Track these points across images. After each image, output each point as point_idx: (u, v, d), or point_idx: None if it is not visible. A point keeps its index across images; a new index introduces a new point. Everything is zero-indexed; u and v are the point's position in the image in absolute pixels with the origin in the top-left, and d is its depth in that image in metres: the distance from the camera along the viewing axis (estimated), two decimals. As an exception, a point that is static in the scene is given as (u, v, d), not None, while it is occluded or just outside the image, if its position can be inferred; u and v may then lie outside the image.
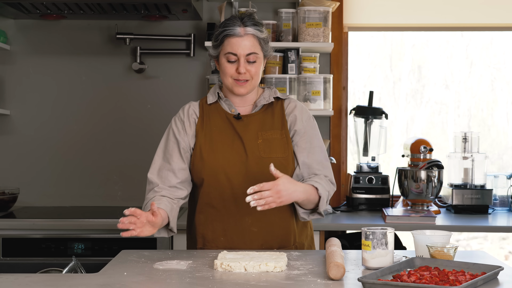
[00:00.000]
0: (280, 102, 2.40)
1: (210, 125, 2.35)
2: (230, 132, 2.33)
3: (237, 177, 2.29)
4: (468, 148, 3.64)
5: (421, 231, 2.09)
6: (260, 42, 2.30)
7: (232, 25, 2.27)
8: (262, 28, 2.32)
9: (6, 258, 3.14)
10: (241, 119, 2.34)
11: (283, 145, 2.32)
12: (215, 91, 2.39)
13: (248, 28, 2.27)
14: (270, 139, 2.32)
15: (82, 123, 3.79)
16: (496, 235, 4.68)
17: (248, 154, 2.29)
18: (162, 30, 3.77)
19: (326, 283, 1.83)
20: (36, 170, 3.79)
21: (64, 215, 3.42)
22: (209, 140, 2.33)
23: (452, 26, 3.86)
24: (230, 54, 2.27)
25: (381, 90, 4.13)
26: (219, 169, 2.29)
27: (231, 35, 2.26)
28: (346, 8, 3.81)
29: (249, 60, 2.27)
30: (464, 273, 1.84)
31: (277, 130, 2.34)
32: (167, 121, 2.83)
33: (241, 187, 2.27)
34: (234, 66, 2.28)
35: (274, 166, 2.17)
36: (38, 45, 3.79)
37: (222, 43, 2.28)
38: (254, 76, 2.30)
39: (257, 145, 2.30)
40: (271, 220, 2.31)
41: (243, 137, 2.31)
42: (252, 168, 2.29)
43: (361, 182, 3.62)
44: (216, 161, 2.30)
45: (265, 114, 2.37)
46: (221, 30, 2.28)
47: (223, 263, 1.97)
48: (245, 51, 2.26)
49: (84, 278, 1.93)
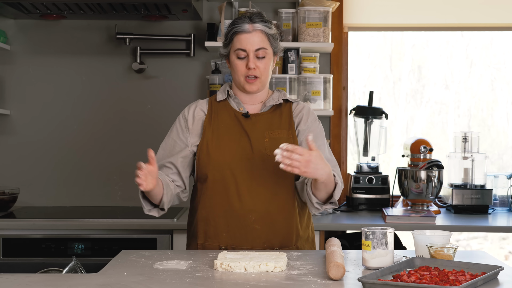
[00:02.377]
0: (288, 104, 2.42)
1: (218, 122, 2.37)
2: (237, 129, 2.35)
3: (242, 173, 2.30)
4: (468, 148, 3.64)
5: (421, 231, 2.09)
6: (269, 38, 2.34)
7: (240, 22, 2.32)
8: (271, 25, 2.36)
9: (6, 258, 3.14)
10: (249, 118, 2.36)
11: None
12: (225, 89, 2.42)
13: (257, 24, 2.31)
14: (277, 138, 2.33)
15: (82, 123, 3.79)
16: (496, 235, 4.68)
17: (254, 152, 2.31)
18: (162, 30, 3.77)
19: (326, 283, 1.83)
20: (36, 170, 3.79)
21: (64, 215, 3.42)
22: (216, 136, 2.34)
23: (452, 26, 3.86)
24: (239, 50, 2.31)
25: (381, 90, 4.13)
26: (225, 165, 2.31)
27: (240, 31, 2.30)
28: (346, 8, 3.81)
29: (258, 55, 2.31)
30: (464, 273, 1.84)
31: (284, 130, 2.36)
32: (167, 121, 2.83)
33: (245, 184, 2.29)
34: (244, 62, 2.31)
35: (280, 165, 2.19)
36: (38, 45, 3.79)
37: (232, 41, 2.33)
38: (264, 72, 2.33)
39: (264, 143, 2.32)
40: (275, 218, 2.31)
41: (250, 135, 2.33)
42: (257, 165, 2.30)
43: (361, 182, 3.62)
44: (222, 156, 2.31)
45: (273, 114, 2.38)
46: (230, 28, 2.34)
47: (223, 263, 1.97)
48: (254, 46, 2.30)
49: (84, 278, 1.93)
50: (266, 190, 2.31)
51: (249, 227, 2.31)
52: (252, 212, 2.29)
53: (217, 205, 2.33)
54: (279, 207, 2.32)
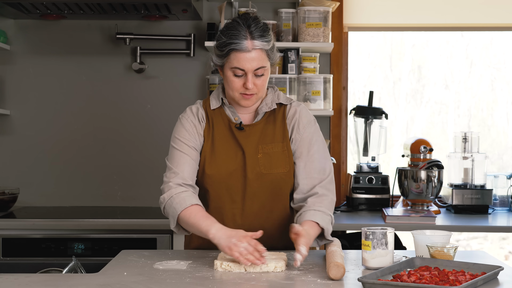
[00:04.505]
0: (282, 108, 2.32)
1: (214, 133, 2.29)
2: (232, 142, 2.28)
3: (238, 193, 2.25)
4: (468, 148, 3.64)
5: (421, 231, 2.09)
6: (268, 54, 2.21)
7: (238, 37, 2.15)
8: (269, 37, 2.21)
9: (6, 258, 3.14)
10: (243, 130, 2.27)
11: (284, 159, 2.26)
12: (218, 96, 2.32)
13: (256, 41, 2.16)
14: (270, 153, 2.26)
15: (82, 123, 3.79)
16: (496, 235, 4.68)
17: (248, 169, 2.24)
18: (162, 30, 3.77)
19: (326, 283, 1.83)
20: (36, 170, 3.79)
21: (64, 215, 3.42)
22: (212, 150, 2.27)
23: (452, 26, 3.86)
24: (237, 69, 2.18)
25: (381, 90, 4.13)
26: (221, 183, 2.25)
27: (237, 49, 2.15)
28: (346, 8, 3.81)
29: (257, 74, 2.19)
30: (464, 273, 1.84)
31: (278, 142, 2.27)
32: (167, 121, 2.82)
33: (240, 202, 2.26)
34: (241, 80, 2.19)
35: (275, 181, 2.21)
36: (38, 45, 3.79)
37: (228, 56, 2.18)
38: (261, 89, 2.22)
39: (257, 160, 2.25)
40: (270, 235, 2.23)
41: (245, 150, 2.26)
42: (252, 184, 2.24)
43: (361, 182, 3.62)
44: (218, 174, 2.25)
45: (267, 123, 2.29)
46: (227, 42, 2.17)
47: (223, 263, 1.97)
48: (254, 66, 2.17)
49: (84, 278, 1.93)
50: (261, 209, 2.26)
51: None
52: (248, 230, 2.18)
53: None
54: (276, 224, 2.28)
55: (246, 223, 2.24)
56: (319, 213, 2.17)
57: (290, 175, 2.27)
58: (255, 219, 2.26)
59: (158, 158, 3.57)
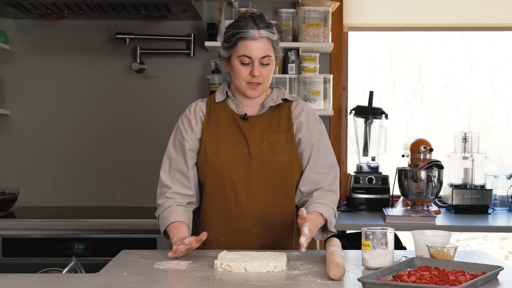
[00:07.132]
0: (287, 104, 2.39)
1: (216, 124, 2.34)
2: (235, 132, 2.33)
3: (240, 179, 2.29)
4: (468, 148, 3.64)
5: (421, 231, 2.09)
6: (273, 44, 2.31)
7: (245, 27, 2.26)
8: (274, 29, 2.32)
9: (6, 258, 3.14)
10: (247, 120, 2.34)
11: (288, 148, 2.31)
12: (223, 90, 2.39)
13: (262, 30, 2.27)
14: (275, 142, 2.31)
15: (82, 123, 3.79)
16: (496, 235, 4.68)
17: (252, 157, 2.29)
18: (162, 30, 3.77)
19: (326, 283, 1.83)
20: (36, 170, 3.79)
21: (64, 215, 3.42)
22: (214, 140, 2.32)
23: (452, 26, 3.86)
24: (244, 57, 2.26)
25: (381, 90, 4.13)
26: (223, 170, 2.29)
27: (245, 37, 2.25)
28: (346, 8, 3.81)
29: (263, 62, 2.28)
30: (464, 273, 1.84)
31: (282, 133, 2.33)
32: (167, 121, 2.83)
33: (243, 189, 2.28)
34: (248, 69, 2.27)
35: (278, 169, 2.25)
36: (38, 45, 3.79)
37: (236, 45, 2.27)
38: (266, 79, 2.30)
39: (262, 148, 2.30)
40: (273, 223, 2.31)
41: (248, 139, 2.31)
42: (255, 170, 2.28)
43: (361, 182, 3.62)
44: (220, 162, 2.30)
45: (272, 115, 2.36)
46: (234, 32, 2.27)
47: (223, 263, 1.97)
48: (260, 54, 2.26)
49: (84, 278, 1.93)
50: (264, 195, 2.30)
51: (248, 232, 2.31)
52: (250, 217, 2.29)
53: (216, 210, 2.32)
54: (278, 212, 2.31)
55: (249, 209, 2.28)
56: (323, 205, 2.27)
57: (293, 164, 2.31)
58: (258, 205, 2.30)
59: (158, 158, 3.54)
